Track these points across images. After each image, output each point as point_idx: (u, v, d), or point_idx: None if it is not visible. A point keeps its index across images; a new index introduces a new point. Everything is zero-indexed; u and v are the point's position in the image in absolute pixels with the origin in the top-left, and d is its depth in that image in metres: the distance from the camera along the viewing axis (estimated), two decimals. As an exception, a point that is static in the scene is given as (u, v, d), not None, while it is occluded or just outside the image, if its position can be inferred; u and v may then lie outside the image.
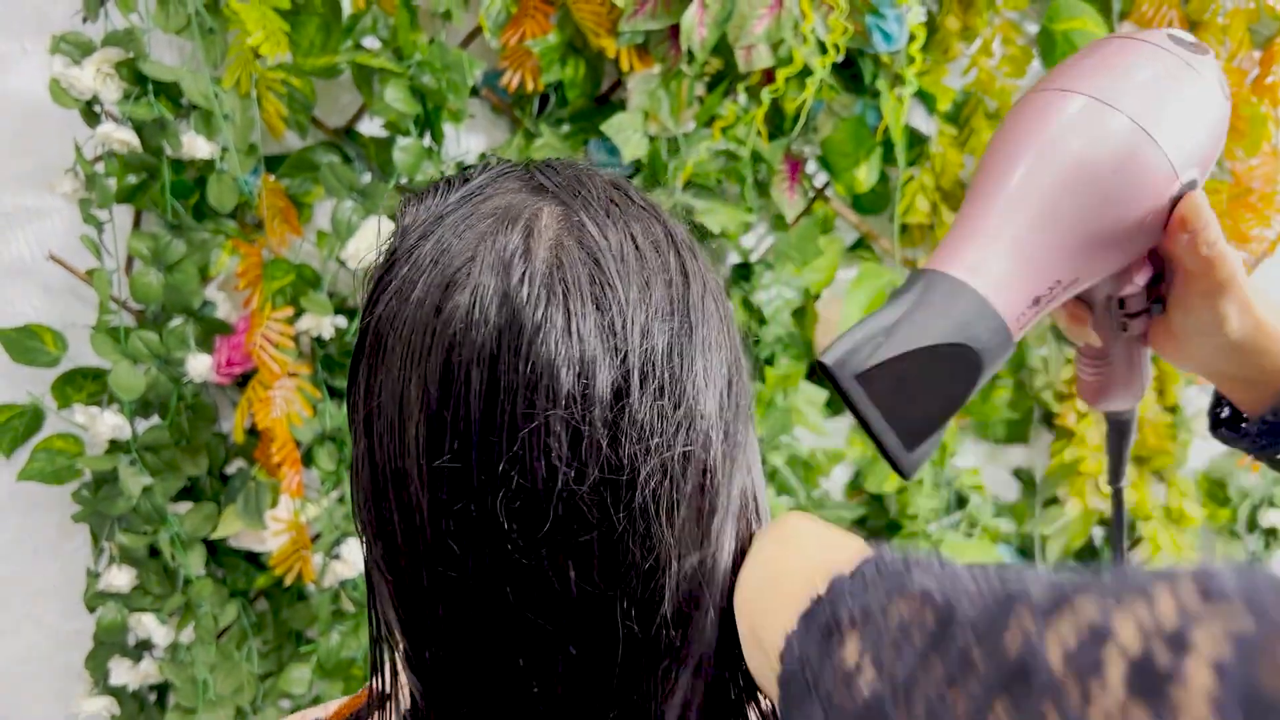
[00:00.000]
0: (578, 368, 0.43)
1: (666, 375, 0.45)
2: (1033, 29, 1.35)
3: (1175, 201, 0.55)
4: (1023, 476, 1.53)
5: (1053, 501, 1.47)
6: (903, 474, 0.54)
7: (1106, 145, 0.53)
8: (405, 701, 0.52)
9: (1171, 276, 0.61)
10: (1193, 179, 0.55)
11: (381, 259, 0.50)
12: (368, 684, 0.55)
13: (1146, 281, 0.60)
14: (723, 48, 1.30)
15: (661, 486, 0.44)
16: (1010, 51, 1.33)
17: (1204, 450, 1.55)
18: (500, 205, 0.48)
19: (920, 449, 0.54)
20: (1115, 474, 0.75)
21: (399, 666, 0.52)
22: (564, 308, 0.44)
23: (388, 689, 0.52)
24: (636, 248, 0.47)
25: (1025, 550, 1.47)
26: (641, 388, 0.44)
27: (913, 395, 0.52)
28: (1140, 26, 1.34)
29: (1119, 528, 0.76)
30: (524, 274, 0.44)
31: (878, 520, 1.49)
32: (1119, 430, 0.73)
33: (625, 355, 0.44)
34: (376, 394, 0.47)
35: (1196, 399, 1.51)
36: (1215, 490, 1.54)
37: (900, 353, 0.51)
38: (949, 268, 0.52)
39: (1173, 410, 1.47)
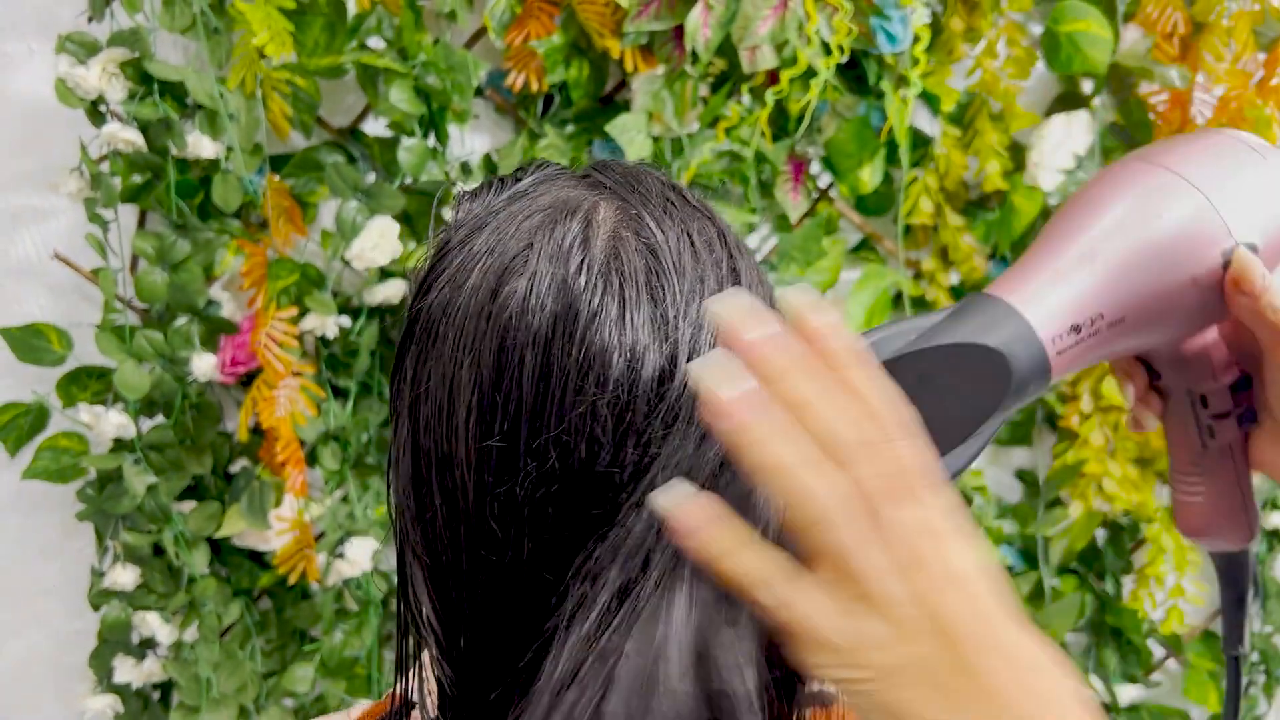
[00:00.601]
0: (629, 355, 0.44)
1: None
2: (1037, 30, 1.35)
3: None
4: (1026, 478, 1.52)
5: (1055, 503, 1.47)
6: None
7: (1148, 184, 0.54)
8: (432, 709, 0.52)
9: (1256, 370, 0.57)
10: (1251, 242, 0.53)
11: (433, 251, 0.51)
12: (392, 690, 0.55)
13: (1231, 382, 0.57)
14: (727, 49, 1.30)
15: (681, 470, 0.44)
16: (1014, 53, 1.33)
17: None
18: (557, 199, 0.49)
19: (947, 462, 0.52)
20: (1231, 636, 0.65)
21: (425, 662, 0.52)
22: (619, 297, 0.45)
23: (413, 686, 0.52)
24: (692, 244, 0.48)
25: (1028, 552, 1.47)
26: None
27: (938, 397, 0.51)
28: (1146, 30, 1.34)
29: (1233, 701, 0.65)
30: (582, 262, 0.45)
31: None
32: (1229, 577, 0.64)
33: (675, 344, 0.45)
34: (425, 379, 0.47)
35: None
36: (1219, 492, 1.54)
37: (925, 347, 0.50)
38: (991, 290, 0.53)
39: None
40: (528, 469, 0.44)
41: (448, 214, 0.55)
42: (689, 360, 0.45)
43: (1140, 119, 1.36)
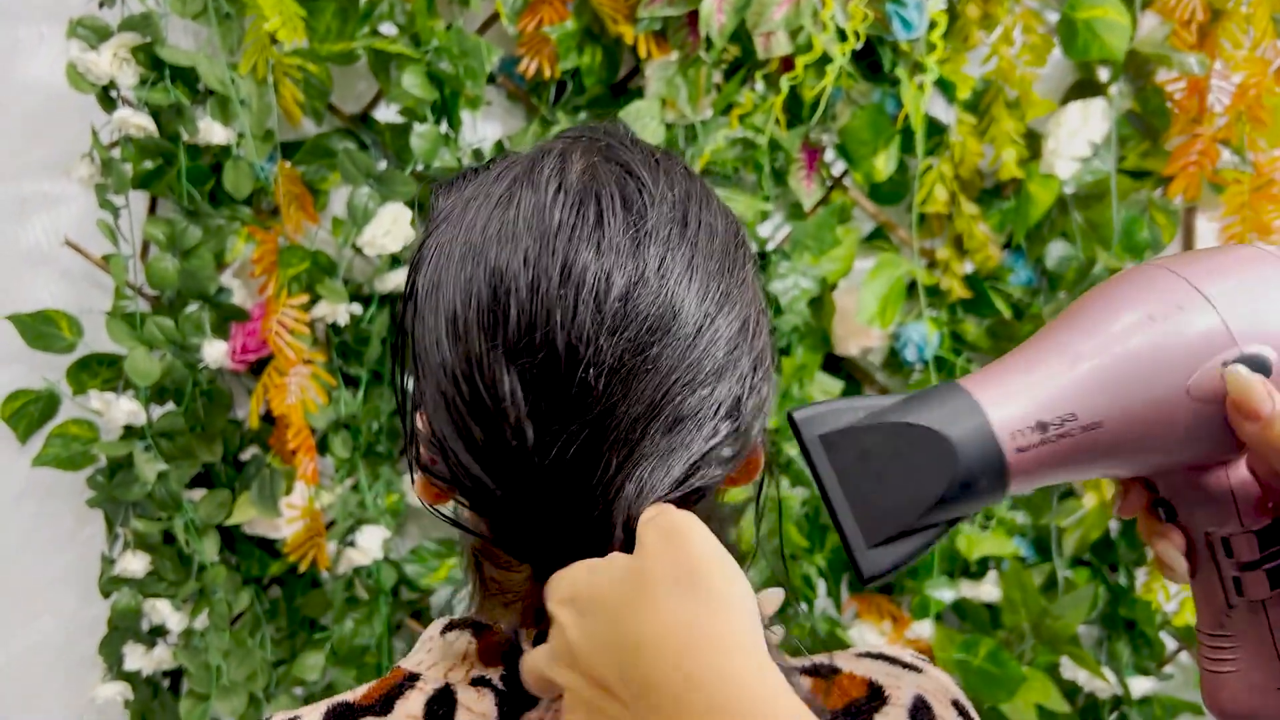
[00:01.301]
0: (606, 259, 0.48)
1: (681, 285, 0.49)
2: (1053, 17, 1.34)
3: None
4: (1039, 469, 1.51)
5: (1068, 494, 1.46)
6: (859, 572, 0.48)
7: (1142, 284, 0.49)
8: (437, 681, 0.55)
9: None
10: (1259, 354, 0.46)
11: (421, 237, 0.56)
12: (394, 668, 0.57)
13: (1260, 527, 0.49)
14: (741, 34, 1.29)
15: (644, 378, 0.48)
16: (1031, 40, 1.32)
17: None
18: (536, 149, 0.55)
19: (884, 552, 0.47)
20: None
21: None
22: (596, 207, 0.49)
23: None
24: (672, 184, 0.52)
25: (1042, 543, 1.46)
26: (660, 281, 0.48)
27: (879, 477, 0.48)
28: (1163, 17, 1.32)
29: None
30: (559, 186, 0.50)
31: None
32: None
33: (647, 256, 0.49)
34: (433, 304, 0.51)
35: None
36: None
37: (872, 423, 0.48)
38: (962, 380, 0.50)
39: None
40: (528, 367, 0.47)
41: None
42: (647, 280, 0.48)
43: (1157, 106, 1.35)
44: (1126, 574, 1.47)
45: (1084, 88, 1.38)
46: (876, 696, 0.58)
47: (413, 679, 0.55)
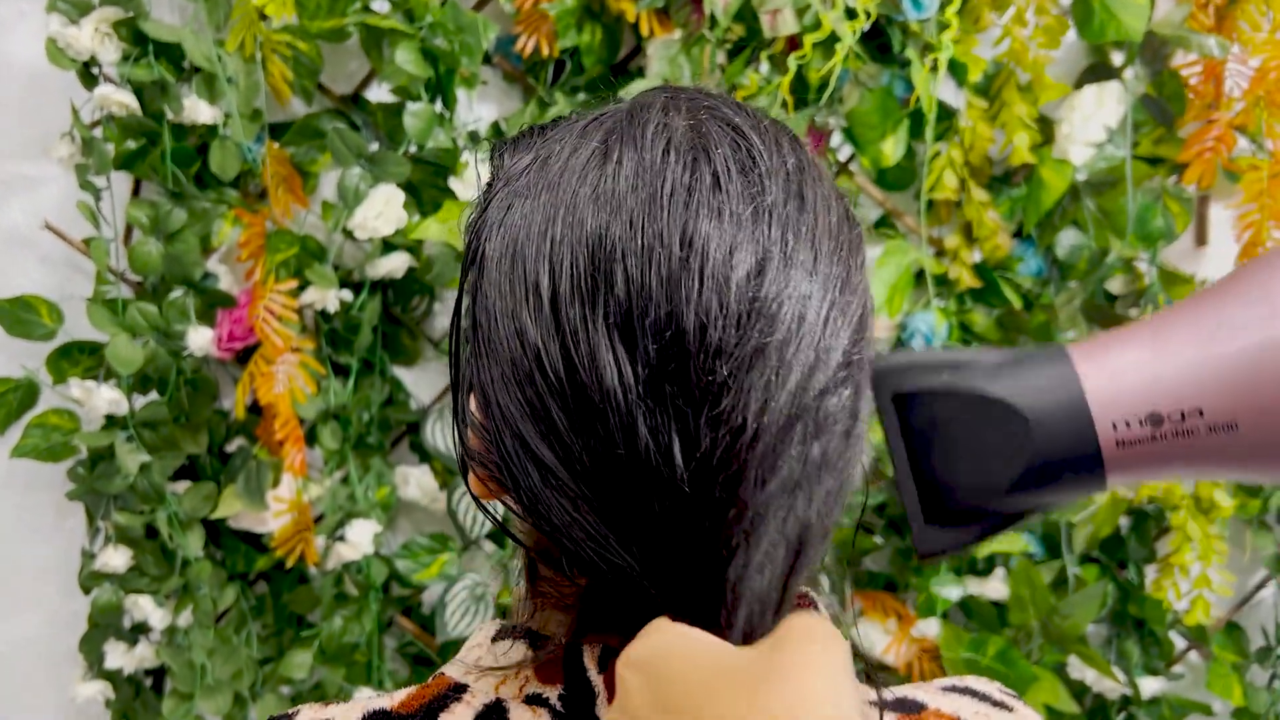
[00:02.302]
0: (728, 232, 0.42)
1: (806, 268, 0.43)
2: (1067, -1, 1.31)
3: None
4: (1047, 464, 1.48)
5: (1079, 489, 1.42)
6: (915, 546, 0.44)
7: None
8: (487, 694, 0.49)
9: None
10: None
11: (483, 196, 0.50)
12: (437, 674, 0.51)
13: None
14: (746, 13, 1.25)
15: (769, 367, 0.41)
16: (1045, 21, 1.28)
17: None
18: (630, 104, 0.48)
19: (944, 532, 0.43)
20: None
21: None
22: (710, 169, 0.43)
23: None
24: (784, 152, 0.46)
25: (1051, 539, 1.43)
26: (784, 261, 0.42)
27: (949, 449, 0.43)
28: (1178, -2, 1.29)
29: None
30: (668, 143, 0.44)
31: (898, 509, 1.45)
32: None
33: (770, 231, 0.43)
34: (493, 301, 0.45)
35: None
36: (1245, 480, 1.49)
37: (948, 388, 0.42)
38: (1072, 347, 0.42)
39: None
40: (645, 349, 0.41)
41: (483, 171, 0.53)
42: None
43: (1174, 91, 1.31)
44: (1136, 572, 1.44)
45: (1096, 72, 1.34)
46: None
47: (459, 690, 0.49)
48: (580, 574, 0.48)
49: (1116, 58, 1.34)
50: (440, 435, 1.38)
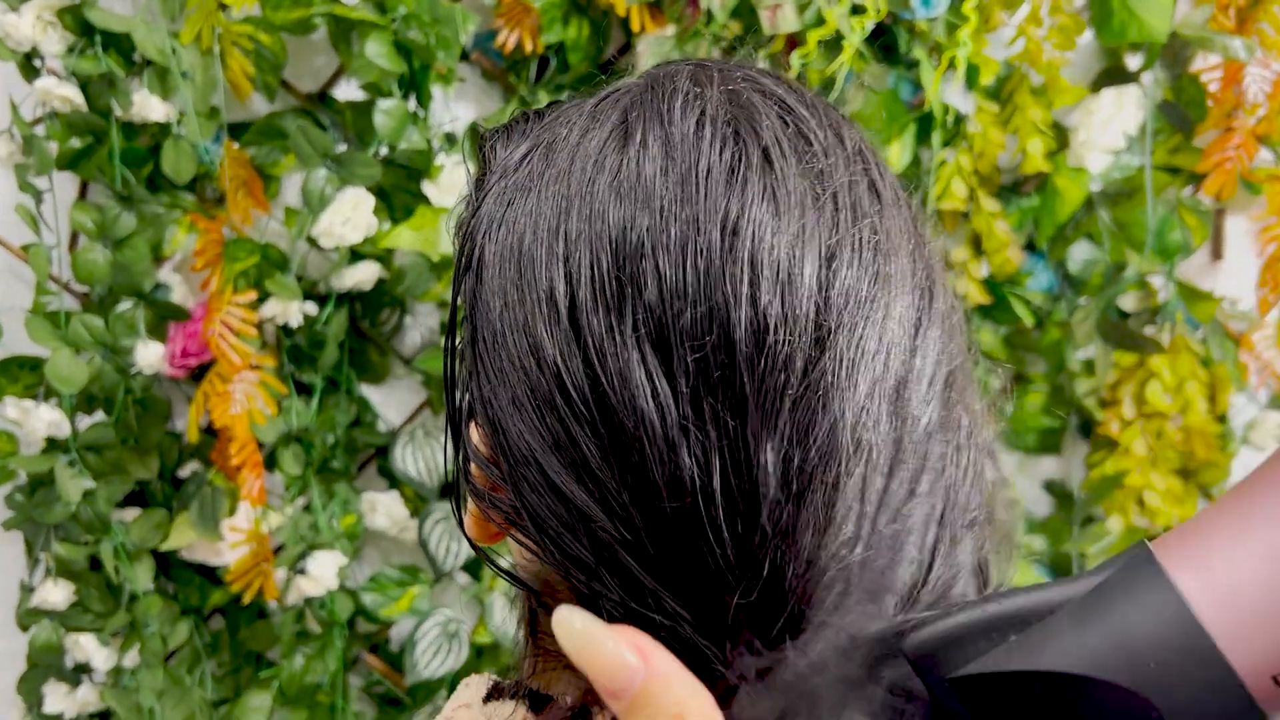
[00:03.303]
0: (785, 217, 0.35)
1: (883, 264, 0.37)
2: (1080, -1, 1.24)
3: None
4: (1055, 490, 1.41)
5: (1089, 520, 1.35)
6: None
7: None
8: None
9: None
10: None
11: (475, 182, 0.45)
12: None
13: None
14: (744, 9, 1.18)
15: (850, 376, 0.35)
16: (1060, 20, 1.21)
17: (1248, 461, 1.44)
18: (646, 75, 0.42)
19: None
20: None
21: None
22: (758, 144, 0.37)
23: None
24: (839, 128, 0.40)
25: (1062, 570, 1.36)
26: (856, 254, 0.36)
27: None
28: (1196, 0, 1.23)
29: None
30: (700, 115, 0.38)
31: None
32: None
33: (837, 218, 0.36)
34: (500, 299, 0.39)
35: (1245, 408, 1.39)
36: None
37: (1021, 667, 0.30)
38: (1163, 553, 0.30)
39: (1221, 419, 1.35)
40: (682, 359, 0.34)
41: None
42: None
43: (1193, 97, 1.25)
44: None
45: (1111, 76, 1.27)
46: None
47: None
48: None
49: (1131, 61, 1.28)
50: (411, 459, 1.31)
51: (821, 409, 0.34)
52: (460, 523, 0.43)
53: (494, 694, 0.44)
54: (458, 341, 0.43)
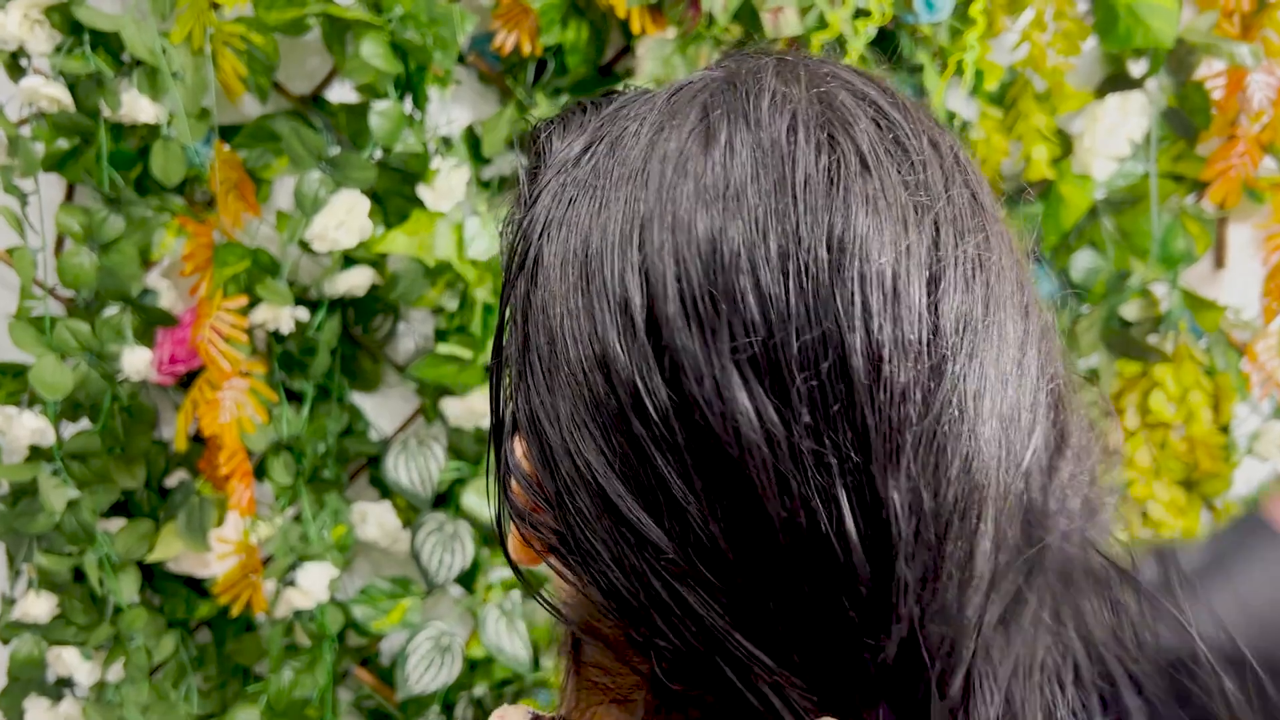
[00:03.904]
0: (887, 231, 0.33)
1: (989, 286, 0.35)
2: (1083, 5, 1.23)
3: None
4: (1056, 501, 1.40)
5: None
6: None
7: None
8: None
9: None
10: None
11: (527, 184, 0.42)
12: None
13: None
14: (746, 11, 1.17)
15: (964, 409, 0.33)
16: (1064, 26, 1.20)
17: (1251, 472, 1.43)
18: (723, 70, 0.39)
19: None
20: None
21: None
22: (855, 151, 0.34)
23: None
24: (934, 135, 0.38)
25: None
26: (965, 278, 0.34)
27: None
28: (1199, 6, 1.22)
29: None
30: (792, 119, 0.35)
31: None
32: None
33: (940, 234, 0.34)
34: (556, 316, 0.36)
35: (1248, 419, 1.39)
36: (1261, 518, 1.42)
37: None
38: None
39: (1224, 429, 1.35)
40: (793, 387, 0.32)
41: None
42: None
43: (1198, 104, 1.24)
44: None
45: (1115, 82, 1.27)
46: None
47: None
48: (673, 672, 0.36)
49: (1135, 68, 1.27)
50: (403, 469, 1.29)
51: (950, 445, 0.32)
52: (503, 541, 0.41)
53: None
54: (505, 349, 0.41)
